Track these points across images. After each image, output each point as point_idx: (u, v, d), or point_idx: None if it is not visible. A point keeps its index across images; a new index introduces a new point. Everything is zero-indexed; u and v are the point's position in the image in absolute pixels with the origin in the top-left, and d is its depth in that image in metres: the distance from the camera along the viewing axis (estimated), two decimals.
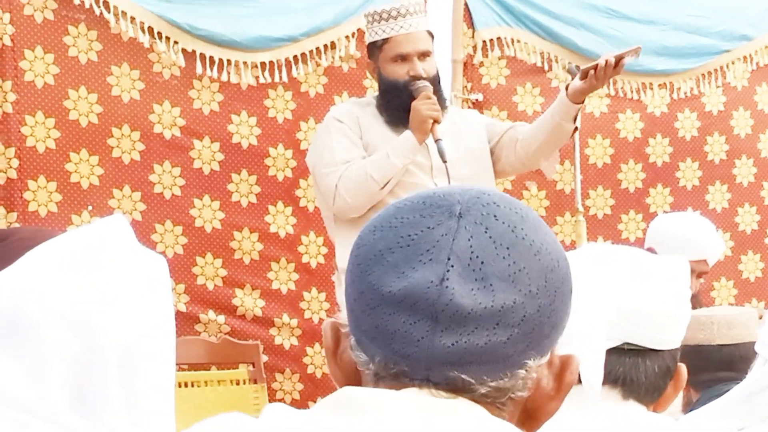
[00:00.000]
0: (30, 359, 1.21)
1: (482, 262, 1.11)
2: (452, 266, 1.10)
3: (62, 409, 1.18)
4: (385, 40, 4.14)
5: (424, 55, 4.14)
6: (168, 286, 1.34)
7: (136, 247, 1.33)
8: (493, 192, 1.18)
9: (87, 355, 1.23)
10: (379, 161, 4.05)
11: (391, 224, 1.14)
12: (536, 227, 1.16)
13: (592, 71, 4.07)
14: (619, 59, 4.08)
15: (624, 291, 1.71)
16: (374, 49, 4.19)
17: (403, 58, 4.11)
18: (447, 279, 1.10)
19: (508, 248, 1.12)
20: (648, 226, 5.73)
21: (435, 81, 4.17)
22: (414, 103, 4.04)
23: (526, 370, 1.13)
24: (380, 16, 4.14)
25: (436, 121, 4.03)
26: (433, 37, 4.24)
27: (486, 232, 1.12)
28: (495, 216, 1.13)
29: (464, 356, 1.10)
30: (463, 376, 1.11)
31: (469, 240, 1.11)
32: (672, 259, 1.80)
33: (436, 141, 4.03)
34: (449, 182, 4.02)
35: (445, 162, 4.02)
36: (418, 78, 4.09)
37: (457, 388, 1.11)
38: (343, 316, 1.20)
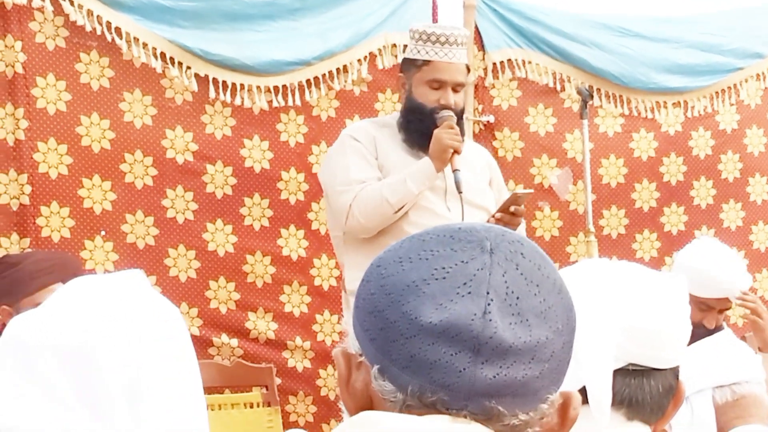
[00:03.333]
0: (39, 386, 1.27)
1: (517, 298, 1.14)
2: (492, 300, 1.13)
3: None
4: (426, 62, 4.12)
5: (459, 86, 4.14)
6: (185, 330, 1.40)
7: (152, 293, 1.39)
8: (511, 231, 1.22)
9: (88, 380, 1.28)
10: (396, 185, 4.04)
11: (421, 256, 1.16)
12: (554, 268, 1.21)
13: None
14: (505, 211, 4.06)
15: (625, 309, 1.70)
16: (411, 66, 4.17)
17: (440, 84, 4.11)
18: (489, 312, 1.12)
19: (537, 285, 1.16)
20: (662, 245, 5.75)
21: (461, 114, 4.18)
22: (436, 132, 4.04)
23: (548, 405, 1.17)
24: (428, 37, 4.11)
25: (456, 152, 4.03)
26: (469, 71, 4.24)
27: (517, 268, 1.16)
28: (522, 254, 1.17)
29: (503, 388, 1.13)
30: (500, 407, 1.13)
31: (503, 275, 1.15)
32: (670, 276, 1.80)
33: (454, 171, 4.04)
34: (462, 209, 4.04)
35: (460, 193, 4.03)
36: (448, 108, 4.09)
37: (491, 418, 1.14)
38: (350, 343, 1.21)
